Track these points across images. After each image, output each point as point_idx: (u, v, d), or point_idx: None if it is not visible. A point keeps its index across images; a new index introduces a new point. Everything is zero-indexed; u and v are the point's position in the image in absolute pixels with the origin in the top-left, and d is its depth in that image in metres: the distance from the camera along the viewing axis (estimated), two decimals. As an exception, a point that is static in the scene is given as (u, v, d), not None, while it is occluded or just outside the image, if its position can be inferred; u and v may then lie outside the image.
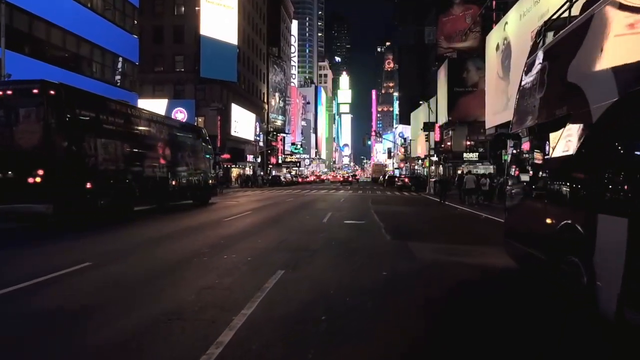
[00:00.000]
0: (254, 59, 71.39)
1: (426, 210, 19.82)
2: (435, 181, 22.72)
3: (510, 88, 29.00)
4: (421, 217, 16.34)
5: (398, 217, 15.55)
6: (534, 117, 5.96)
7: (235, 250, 8.39)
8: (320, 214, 16.26)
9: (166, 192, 17.45)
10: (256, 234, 10.75)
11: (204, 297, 5.17)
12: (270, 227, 12.10)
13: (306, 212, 17.32)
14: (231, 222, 13.38)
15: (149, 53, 54.80)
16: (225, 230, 11.50)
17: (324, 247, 8.99)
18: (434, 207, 21.88)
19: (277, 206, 20.40)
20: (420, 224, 13.96)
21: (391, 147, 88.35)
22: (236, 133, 58.35)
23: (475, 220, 15.75)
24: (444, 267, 7.25)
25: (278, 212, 17.34)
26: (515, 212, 6.84)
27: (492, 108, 32.84)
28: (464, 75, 51.33)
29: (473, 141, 52.24)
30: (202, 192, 21.19)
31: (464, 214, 18.00)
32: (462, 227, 13.56)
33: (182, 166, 19.16)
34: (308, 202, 23.42)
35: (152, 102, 53.63)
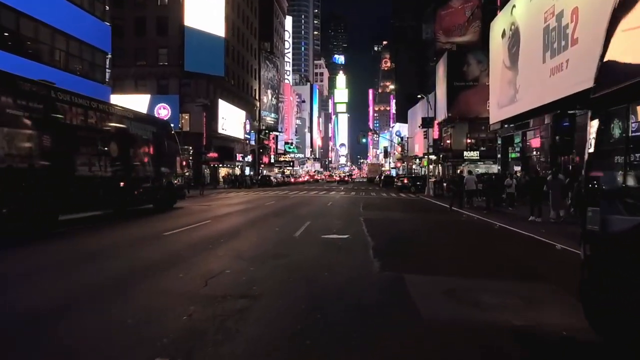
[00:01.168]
0: (244, 54, 68.24)
1: (427, 217, 16.72)
2: (448, 181, 19.39)
3: (519, 78, 26.04)
4: (422, 228, 13.21)
5: (392, 229, 12.50)
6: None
7: (114, 304, 5.11)
8: (296, 223, 13.19)
9: (112, 195, 14.35)
10: (186, 260, 7.57)
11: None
12: (215, 247, 8.96)
13: (280, 220, 14.22)
14: (170, 238, 10.24)
15: (130, 46, 51.80)
16: (147, 254, 8.29)
17: (270, 292, 5.64)
18: (436, 213, 18.82)
19: (249, 212, 17.31)
20: (422, 240, 10.83)
21: (387, 146, 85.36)
22: (224, 131, 55.19)
23: (494, 233, 12.66)
24: (474, 338, 4.17)
25: (245, 220, 14.28)
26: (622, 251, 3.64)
27: (498, 101, 29.88)
28: (464, 69, 48.37)
29: (474, 139, 49.31)
30: (164, 195, 18.10)
31: (475, 224, 14.92)
32: (481, 245, 10.23)
33: (135, 165, 16.07)
34: (290, 207, 20.33)
35: (133, 97, 50.51)
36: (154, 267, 6.98)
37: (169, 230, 11.15)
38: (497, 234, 12.14)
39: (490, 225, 14.10)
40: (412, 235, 11.37)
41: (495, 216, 16.21)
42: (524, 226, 13.19)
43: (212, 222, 13.33)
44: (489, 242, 10.76)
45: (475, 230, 12.92)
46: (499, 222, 14.37)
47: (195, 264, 7.32)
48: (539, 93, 22.69)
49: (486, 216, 16.51)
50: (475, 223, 14.87)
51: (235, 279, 6.28)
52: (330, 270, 6.95)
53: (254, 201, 24.22)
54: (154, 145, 17.49)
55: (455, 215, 17.48)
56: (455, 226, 13.84)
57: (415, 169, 68.40)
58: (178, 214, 16.59)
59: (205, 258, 7.86)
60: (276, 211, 17.71)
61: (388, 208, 20.56)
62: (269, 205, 21.21)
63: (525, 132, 27.76)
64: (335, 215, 16.41)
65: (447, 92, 48.90)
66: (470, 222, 15.06)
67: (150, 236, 10.51)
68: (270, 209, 18.66)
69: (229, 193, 36.64)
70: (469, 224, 14.51)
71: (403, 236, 11.24)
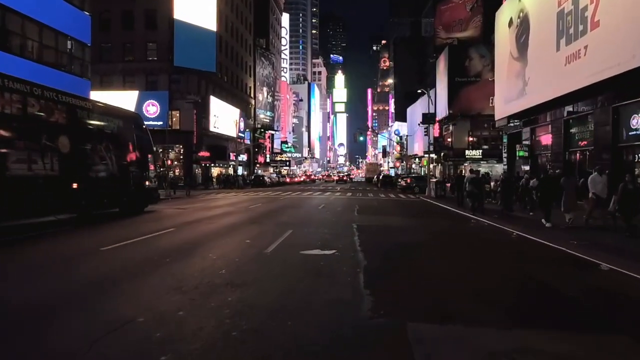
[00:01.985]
0: (238, 50, 66.06)
1: (431, 223, 14.54)
2: (466, 181, 16.93)
3: (528, 69, 23.90)
4: (426, 239, 10.95)
5: (391, 241, 10.34)
6: None
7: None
8: (275, 232, 11.03)
9: (61, 198, 12.20)
10: (96, 295, 5.41)
11: None
12: (154, 270, 6.73)
13: (257, 229, 12.00)
14: (106, 255, 7.94)
15: (117, 40, 49.65)
16: (50, 283, 6.02)
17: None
18: (440, 217, 16.66)
19: (226, 217, 15.12)
20: (427, 258, 8.46)
21: (386, 145, 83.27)
22: (216, 129, 53.00)
23: (515, 246, 10.48)
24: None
25: (215, 228, 12.08)
26: None
27: (504, 95, 27.74)
28: (466, 64, 46.23)
29: (476, 137, 47.22)
30: (133, 198, 15.95)
31: (488, 232, 12.76)
32: (504, 266, 7.82)
33: (93, 163, 13.91)
34: (276, 210, 18.12)
35: (121, 94, 48.35)
36: (38, 310, 4.81)
37: (113, 244, 8.96)
38: (519, 249, 9.90)
39: (505, 233, 11.96)
40: (415, 251, 9.14)
41: (507, 221, 14.08)
42: (545, 235, 11.05)
43: (174, 231, 11.15)
44: (512, 260, 8.50)
45: (491, 242, 10.71)
46: (514, 230, 12.23)
47: (103, 302, 5.13)
48: (553, 84, 20.56)
49: (497, 221, 14.38)
50: (487, 231, 12.71)
51: (145, 337, 4.08)
52: (296, 316, 4.76)
53: (239, 204, 22.06)
54: (120, 141, 15.34)
55: (463, 221, 15.34)
56: (465, 236, 11.67)
57: (414, 169, 66.25)
58: (144, 219, 14.44)
59: (125, 291, 5.67)
60: (258, 216, 15.52)
61: (386, 212, 18.38)
62: (254, 208, 19.03)
63: (535, 128, 25.64)
64: (325, 221, 14.21)
65: (448, 88, 46.75)
66: (481, 230, 12.88)
67: (83, 252, 8.33)
68: (253, 214, 16.49)
69: (218, 194, 34.51)
70: (481, 233, 12.31)
71: (404, 251, 9.02)
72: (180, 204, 23.19)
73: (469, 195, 17.00)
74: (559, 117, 22.13)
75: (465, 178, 21.79)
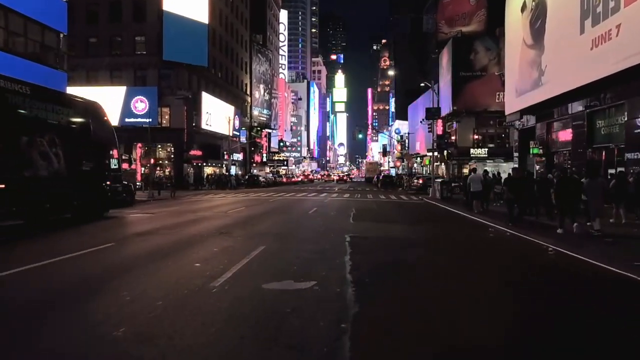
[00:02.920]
0: (233, 45, 63.62)
1: (443, 233, 12.00)
2: (506, 182, 13.62)
3: (545, 57, 21.43)
4: (441, 258, 8.31)
5: (396, 263, 7.65)
6: None
7: None
8: (241, 249, 8.51)
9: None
10: None
11: None
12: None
13: (223, 242, 9.39)
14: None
15: (105, 33, 47.29)
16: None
17: None
18: (451, 224, 14.20)
19: (193, 225, 12.56)
20: (450, 297, 5.60)
21: (386, 144, 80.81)
22: (209, 126, 50.52)
23: (560, 270, 7.85)
24: None
25: (168, 242, 9.54)
26: None
27: (516, 87, 25.26)
28: (471, 57, 43.74)
29: (481, 135, 44.77)
30: (85, 201, 13.51)
31: (517, 246, 10.26)
32: (564, 308, 5.28)
33: (30, 160, 11.46)
34: (258, 216, 15.55)
35: (107, 89, 45.82)
36: None
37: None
38: (567, 275, 7.17)
39: (539, 249, 9.48)
40: (430, 281, 6.51)
41: (526, 229, 11.64)
42: (591, 252, 8.58)
43: (109, 249, 8.63)
44: (570, 296, 5.91)
45: (529, 265, 7.96)
46: (546, 243, 9.78)
47: None
48: (575, 72, 18.11)
49: (515, 229, 11.92)
50: (516, 244, 10.23)
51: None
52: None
53: (221, 207, 19.61)
54: (71, 134, 12.91)
55: (479, 229, 12.86)
56: (490, 253, 9.17)
57: (415, 168, 63.74)
58: (92, 228, 12.04)
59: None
60: (233, 224, 13.01)
61: (387, 217, 15.89)
62: (234, 213, 16.53)
63: (551, 122, 23.20)
64: (312, 231, 11.67)
65: (452, 84, 44.28)
66: (507, 244, 10.35)
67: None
68: (228, 220, 14.00)
69: (207, 195, 32.07)
70: (508, 248, 9.76)
71: (415, 282, 6.40)
72: (157, 207, 20.77)
73: (508, 202, 13.40)
74: (581, 109, 19.67)
75: (468, 178, 19.40)
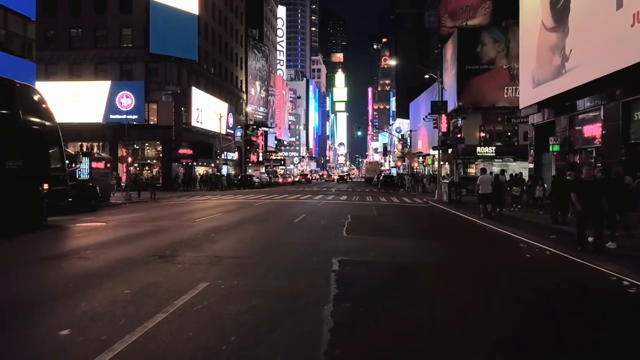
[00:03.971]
0: (227, 40, 60.90)
1: (468, 253, 9.34)
2: (576, 188, 10.30)
3: (570, 40, 18.71)
4: (474, 304, 5.76)
5: (410, 318, 5.00)
6: None
7: None
8: (169, 292, 5.72)
9: None
10: None
11: None
12: None
13: (148, 276, 6.50)
14: None
15: (89, 25, 44.61)
16: None
17: None
18: (473, 239, 11.50)
19: (132, 243, 9.76)
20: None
21: (387, 143, 78.11)
22: (199, 124, 47.82)
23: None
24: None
25: (61, 277, 6.78)
26: None
27: (533, 77, 22.54)
28: (477, 49, 41.01)
29: (488, 132, 42.02)
30: (18, 208, 10.82)
31: (580, 275, 7.51)
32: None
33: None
34: (225, 229, 12.47)
35: (91, 84, 43.25)
36: None
37: None
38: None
39: (601, 278, 6.80)
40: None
41: (581, 250, 8.96)
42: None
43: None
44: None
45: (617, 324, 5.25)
46: (611, 271, 7.08)
47: None
48: (610, 54, 15.41)
49: (565, 248, 9.23)
50: (565, 271, 7.54)
51: None
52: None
53: (196, 212, 16.93)
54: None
55: (506, 244, 10.16)
56: (552, 293, 6.43)
57: (418, 168, 60.97)
58: (4, 244, 9.34)
59: None
60: (188, 239, 10.16)
61: (390, 228, 13.11)
62: (202, 222, 13.76)
63: (574, 116, 20.48)
64: (287, 253, 8.77)
65: (457, 78, 41.57)
66: (557, 273, 7.67)
67: None
68: (186, 234, 11.21)
69: (191, 197, 29.38)
70: (562, 282, 7.11)
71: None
72: (125, 212, 18.11)
73: (578, 217, 9.16)
74: (614, 99, 16.93)
75: (478, 179, 16.72)
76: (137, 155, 45.63)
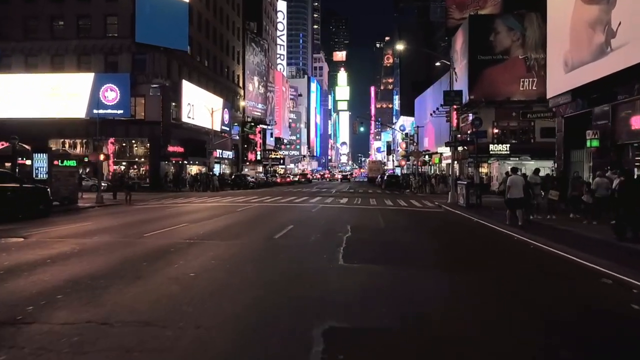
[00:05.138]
0: (223, 32, 57.72)
1: (541, 301, 6.08)
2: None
3: (618, 11, 15.43)
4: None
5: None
6: None
7: None
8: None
9: None
10: None
11: None
12: None
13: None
14: None
15: (71, 13, 41.51)
16: None
17: None
18: (525, 260, 8.25)
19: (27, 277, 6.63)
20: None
21: (390, 142, 74.83)
22: (191, 119, 44.64)
23: None
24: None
25: None
26: None
27: (565, 61, 19.26)
28: (490, 38, 37.63)
29: (502, 129, 38.65)
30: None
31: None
32: None
33: None
34: (180, 249, 9.12)
35: (73, 76, 40.10)
36: None
37: None
38: None
39: None
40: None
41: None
42: None
43: None
44: None
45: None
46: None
47: None
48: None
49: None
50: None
51: None
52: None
53: (156, 222, 13.72)
54: None
55: (610, 291, 6.85)
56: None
57: (424, 168, 57.61)
58: None
59: None
60: (93, 277, 6.40)
61: (403, 248, 9.65)
62: (151, 238, 10.50)
63: (617, 104, 17.17)
64: (242, 308, 5.17)
65: (468, 69, 38.22)
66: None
67: None
68: (110, 261, 7.71)
69: (175, 199, 26.21)
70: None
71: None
72: (74, 220, 14.97)
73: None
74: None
75: (508, 180, 13.50)
76: (127, 154, 42.62)
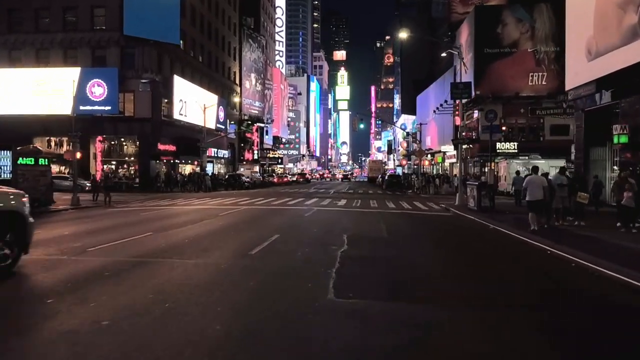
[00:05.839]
0: (218, 26, 55.70)
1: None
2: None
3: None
4: None
5: None
6: None
7: None
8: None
9: None
10: None
11: None
12: None
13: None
14: None
15: (57, 4, 39.41)
16: None
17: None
18: (584, 296, 6.30)
19: None
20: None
21: (391, 141, 72.91)
22: (183, 116, 42.66)
23: None
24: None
25: None
26: None
27: (588, 48, 17.30)
28: (498, 30, 35.68)
29: (510, 126, 36.68)
30: None
31: None
32: None
33: None
34: (116, 274, 6.95)
35: (58, 71, 38.10)
36: None
37: None
38: None
39: None
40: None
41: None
42: None
43: None
44: None
45: None
46: None
47: None
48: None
49: None
50: None
51: None
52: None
53: (120, 229, 11.74)
54: None
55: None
56: None
57: (426, 168, 55.61)
58: None
59: None
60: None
61: (412, 269, 7.60)
62: (92, 255, 8.34)
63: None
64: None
65: (474, 63, 36.25)
66: None
67: None
68: (10, 293, 5.89)
69: (160, 201, 24.29)
70: None
71: None
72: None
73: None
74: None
75: (525, 181, 11.58)
76: (117, 152, 40.68)
